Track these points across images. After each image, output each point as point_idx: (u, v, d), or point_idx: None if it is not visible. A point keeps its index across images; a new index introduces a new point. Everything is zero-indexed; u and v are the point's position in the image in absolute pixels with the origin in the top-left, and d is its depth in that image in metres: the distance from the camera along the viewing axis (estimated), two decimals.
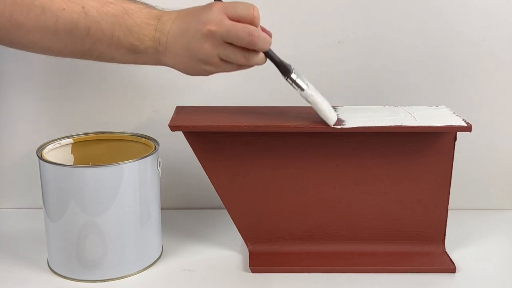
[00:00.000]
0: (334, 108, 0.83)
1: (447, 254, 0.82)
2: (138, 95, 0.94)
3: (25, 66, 0.93)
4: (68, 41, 0.71)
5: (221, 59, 0.71)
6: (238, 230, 0.82)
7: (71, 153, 0.84)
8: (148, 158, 0.76)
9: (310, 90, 0.74)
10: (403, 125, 0.75)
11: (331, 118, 0.75)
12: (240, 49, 0.71)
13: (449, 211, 0.81)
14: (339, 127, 0.74)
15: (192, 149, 0.78)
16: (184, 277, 0.78)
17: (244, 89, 0.93)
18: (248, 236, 0.82)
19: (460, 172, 0.83)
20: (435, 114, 0.80)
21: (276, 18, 0.87)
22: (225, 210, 0.81)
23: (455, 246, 0.85)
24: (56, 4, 0.69)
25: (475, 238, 0.89)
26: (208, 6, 0.71)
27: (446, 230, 0.82)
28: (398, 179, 0.80)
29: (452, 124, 0.76)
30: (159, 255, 0.82)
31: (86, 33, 0.71)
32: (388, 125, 0.75)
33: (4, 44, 0.73)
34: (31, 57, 0.92)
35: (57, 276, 0.77)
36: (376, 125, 0.75)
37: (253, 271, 0.79)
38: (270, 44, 0.72)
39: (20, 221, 0.94)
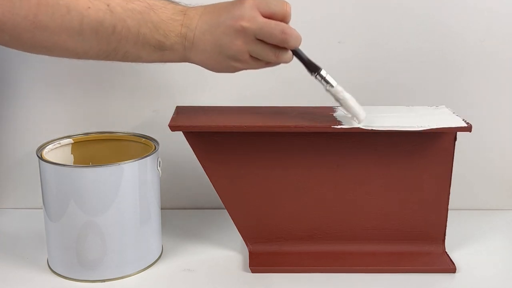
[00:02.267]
0: (334, 108, 0.83)
1: (447, 254, 0.82)
2: (138, 95, 0.94)
3: (25, 67, 0.93)
4: (94, 41, 0.69)
5: (251, 56, 0.71)
6: (238, 230, 0.82)
7: (71, 153, 0.84)
8: (148, 158, 0.76)
9: (340, 87, 0.73)
10: (403, 125, 0.75)
11: (361, 114, 0.74)
12: (271, 46, 0.70)
13: (449, 211, 0.81)
14: (339, 127, 0.74)
15: (192, 149, 0.78)
16: (184, 277, 0.78)
17: (244, 89, 0.93)
18: (248, 236, 0.82)
19: (460, 172, 0.83)
20: (435, 114, 0.80)
21: None
22: (225, 210, 0.81)
23: (455, 246, 0.85)
24: (81, 3, 0.67)
25: (475, 238, 0.89)
26: (240, 1, 0.70)
27: (446, 230, 0.82)
28: (398, 179, 0.80)
29: (452, 124, 0.76)
30: (159, 255, 0.82)
31: (112, 31, 0.69)
32: (388, 125, 0.75)
33: (26, 49, 0.70)
34: (31, 58, 0.92)
35: (57, 276, 0.77)
36: (376, 125, 0.75)
37: (253, 271, 0.79)
38: (300, 42, 0.71)
39: (20, 221, 0.94)
